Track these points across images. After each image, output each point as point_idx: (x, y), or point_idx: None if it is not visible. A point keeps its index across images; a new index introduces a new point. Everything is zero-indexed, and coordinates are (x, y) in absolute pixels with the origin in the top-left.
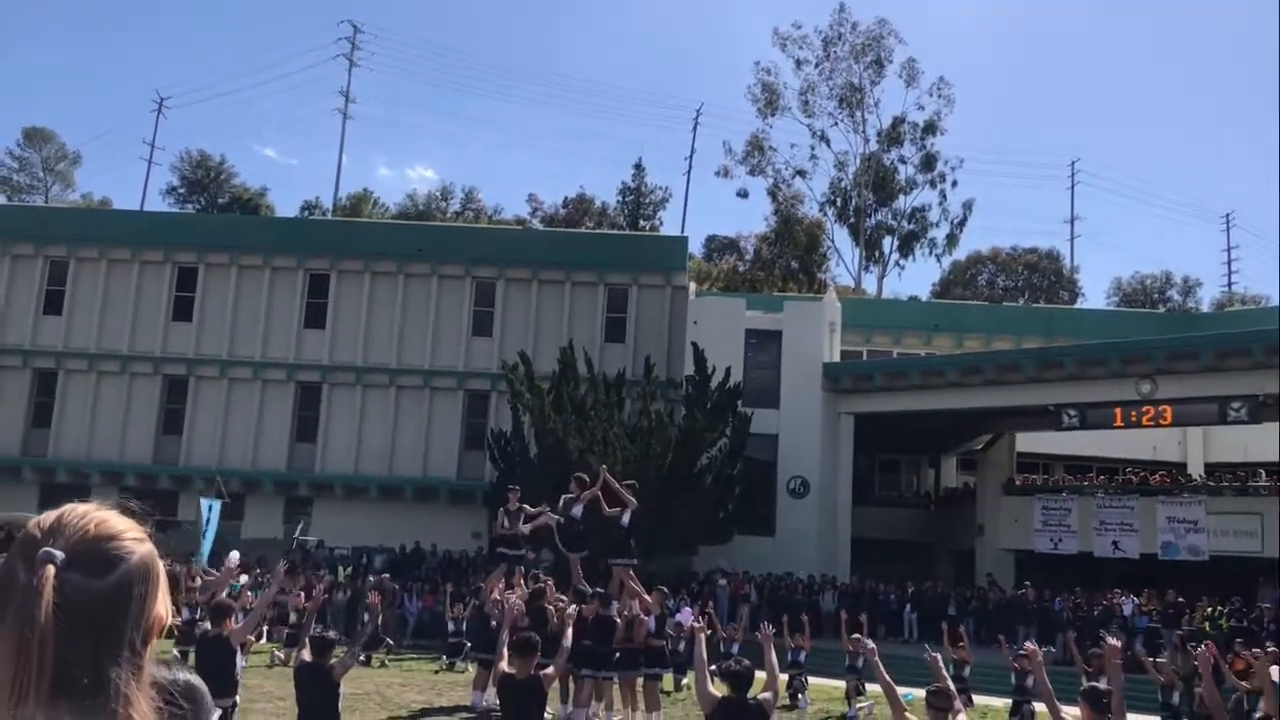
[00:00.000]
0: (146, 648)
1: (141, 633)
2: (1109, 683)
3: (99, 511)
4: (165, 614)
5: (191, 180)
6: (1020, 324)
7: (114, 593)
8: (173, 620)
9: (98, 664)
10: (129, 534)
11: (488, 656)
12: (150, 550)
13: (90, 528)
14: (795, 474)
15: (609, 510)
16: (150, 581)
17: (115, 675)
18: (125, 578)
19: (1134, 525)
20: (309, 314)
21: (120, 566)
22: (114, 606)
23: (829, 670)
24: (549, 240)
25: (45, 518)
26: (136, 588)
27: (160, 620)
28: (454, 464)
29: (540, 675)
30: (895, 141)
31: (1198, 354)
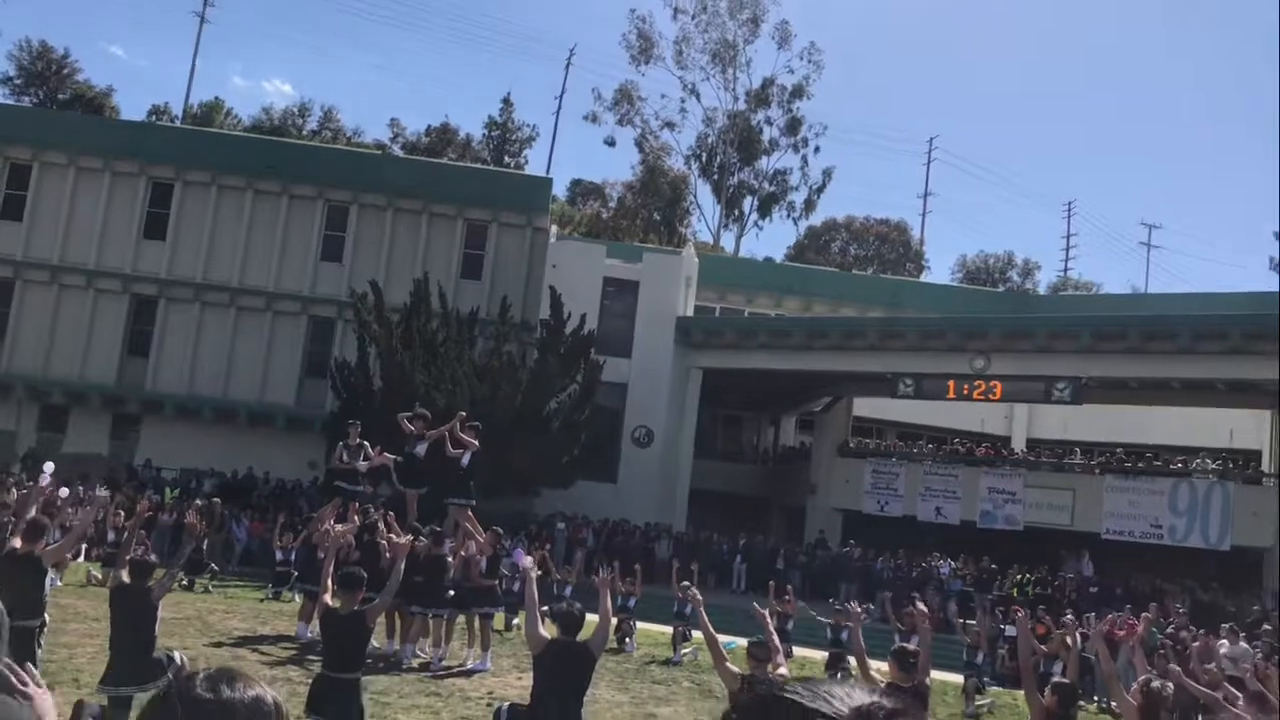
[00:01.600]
0: None
1: None
2: (918, 643)
3: None
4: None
5: (30, 72)
6: (867, 292)
7: None
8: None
9: None
10: None
11: (315, 588)
12: None
13: None
14: (641, 424)
15: (452, 451)
16: None
17: None
18: None
19: (957, 493)
20: (149, 224)
21: None
22: None
23: (659, 616)
24: (409, 168)
25: None
26: None
27: None
28: (293, 391)
29: (365, 610)
30: (763, 102)
31: (1030, 334)
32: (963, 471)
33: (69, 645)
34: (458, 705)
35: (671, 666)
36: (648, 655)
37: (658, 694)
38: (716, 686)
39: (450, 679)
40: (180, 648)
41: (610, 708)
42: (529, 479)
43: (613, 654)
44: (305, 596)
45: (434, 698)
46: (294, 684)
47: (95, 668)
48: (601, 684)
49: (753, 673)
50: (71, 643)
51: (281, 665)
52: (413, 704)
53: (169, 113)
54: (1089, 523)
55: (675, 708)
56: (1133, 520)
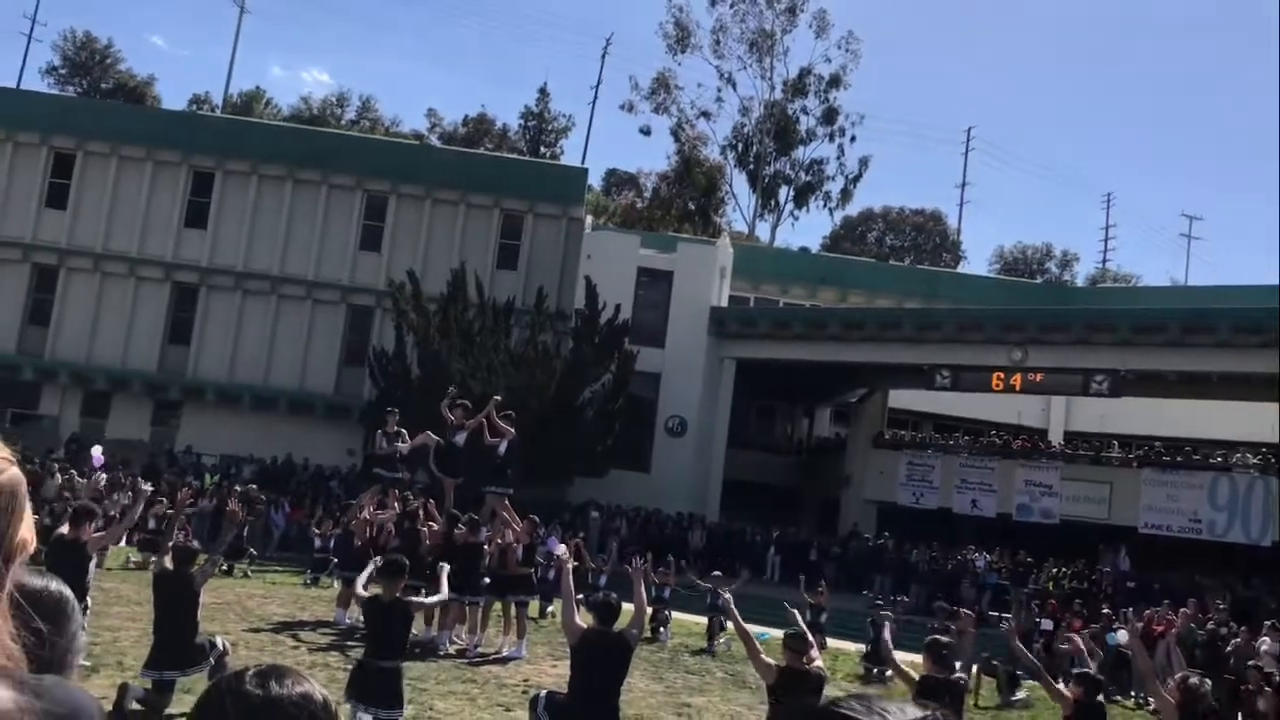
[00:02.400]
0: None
1: (3, 554)
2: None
3: None
4: (30, 539)
5: (74, 62)
6: (903, 283)
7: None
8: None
9: None
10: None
11: (353, 574)
12: (16, 475)
13: None
14: (674, 413)
15: (489, 439)
16: (15, 505)
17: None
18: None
19: (993, 486)
20: (191, 212)
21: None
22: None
23: (693, 606)
24: (446, 158)
25: None
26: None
27: (24, 544)
28: (332, 379)
29: (408, 600)
30: (800, 92)
31: (1069, 326)
32: (999, 464)
33: (112, 628)
34: (493, 692)
35: (705, 657)
36: (681, 645)
37: (691, 684)
38: (750, 677)
39: (486, 666)
40: (221, 633)
41: (644, 697)
42: (563, 468)
43: (647, 644)
44: (343, 583)
45: (470, 684)
46: (332, 670)
47: (139, 651)
48: (636, 673)
49: (789, 665)
50: (115, 625)
51: (321, 651)
52: (449, 690)
53: (210, 102)
54: (1126, 517)
55: (709, 698)
56: (1171, 515)
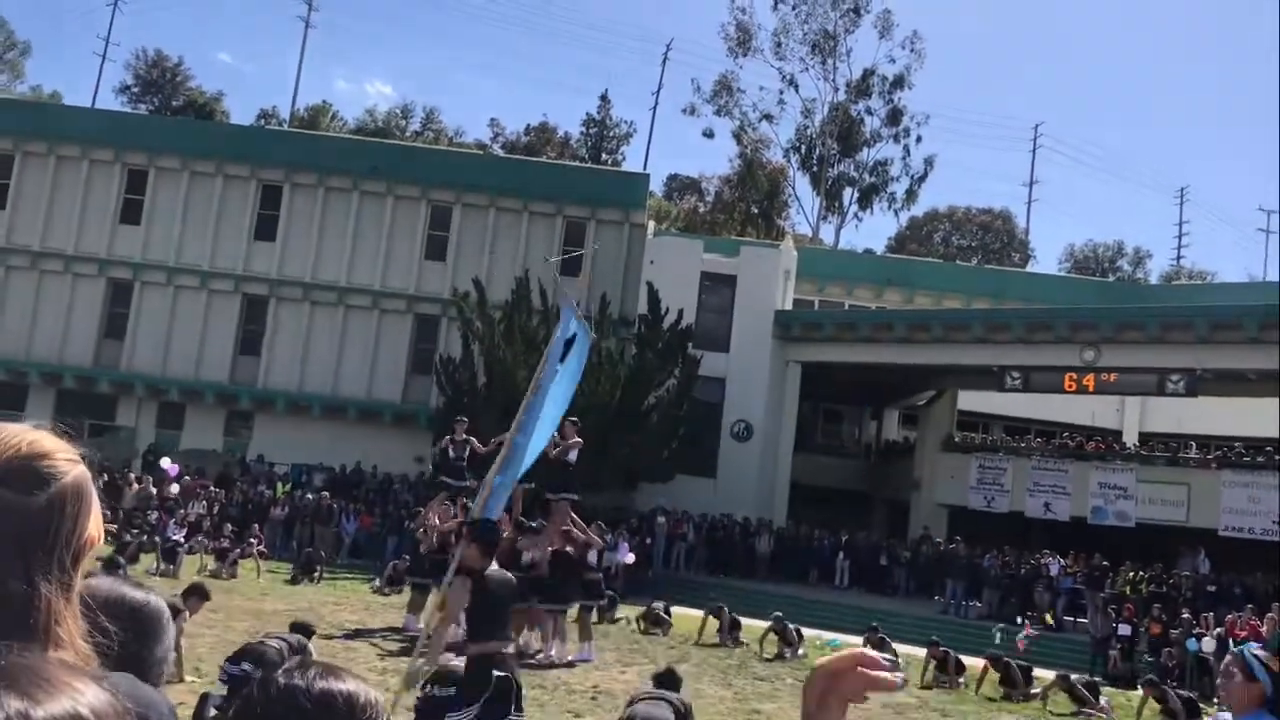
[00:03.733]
0: (77, 567)
1: (72, 552)
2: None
3: (31, 431)
4: (97, 534)
5: (146, 80)
6: (971, 283)
7: (45, 510)
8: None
9: (29, 580)
10: (61, 454)
11: (422, 580)
12: (83, 472)
13: (22, 446)
14: (740, 418)
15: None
16: (82, 501)
17: (45, 591)
18: (57, 496)
19: (1066, 488)
20: (260, 225)
21: (52, 485)
22: (45, 524)
23: (760, 612)
24: (509, 167)
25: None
26: (69, 506)
27: (92, 540)
28: (399, 387)
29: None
30: (864, 93)
31: (1143, 325)
32: (1072, 466)
33: (189, 635)
34: (563, 698)
35: (774, 663)
36: (750, 651)
37: (761, 690)
38: None
39: (555, 671)
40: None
41: (715, 703)
42: (628, 473)
43: (715, 649)
44: (413, 589)
45: (539, 690)
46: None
47: (215, 657)
48: (704, 679)
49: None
50: (191, 631)
51: (393, 657)
52: None
53: (276, 116)
54: (1205, 519)
55: (779, 704)
56: (1252, 516)
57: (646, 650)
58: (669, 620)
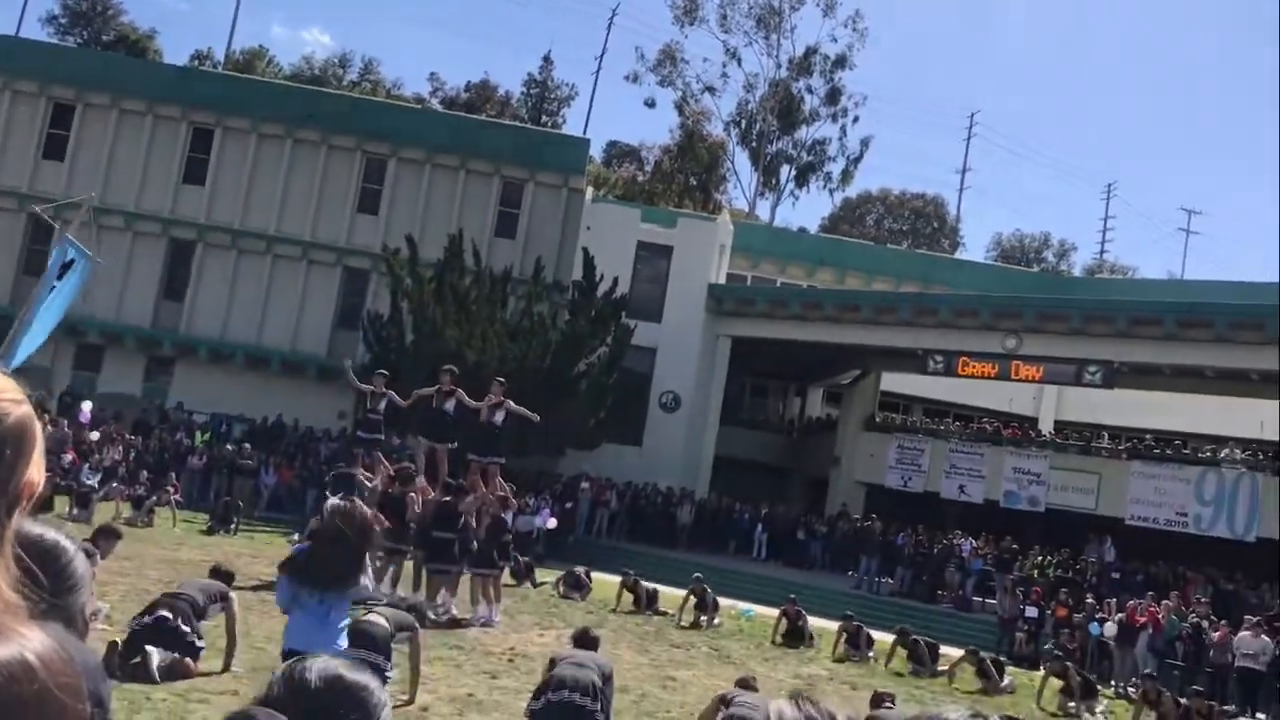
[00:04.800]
0: (12, 516)
1: (6, 499)
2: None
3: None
4: (38, 479)
5: (75, 11)
6: (901, 267)
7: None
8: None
9: None
10: (5, 394)
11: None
12: (28, 412)
13: None
14: (668, 389)
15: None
16: (24, 444)
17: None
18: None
19: (981, 472)
20: (189, 169)
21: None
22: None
23: (679, 580)
24: (447, 123)
25: None
26: (8, 449)
27: (32, 485)
28: (325, 341)
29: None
30: (805, 71)
31: (1065, 316)
32: (988, 450)
33: (101, 583)
34: (479, 659)
35: (690, 631)
36: (668, 618)
37: (676, 658)
38: (735, 651)
39: (471, 632)
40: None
41: (632, 669)
42: (555, 439)
43: (633, 615)
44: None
45: (456, 651)
46: None
47: (129, 606)
48: (621, 645)
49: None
50: (104, 579)
51: None
52: (435, 656)
53: (212, 59)
54: (1113, 507)
55: (694, 672)
56: (1158, 507)
57: (564, 614)
58: (589, 584)
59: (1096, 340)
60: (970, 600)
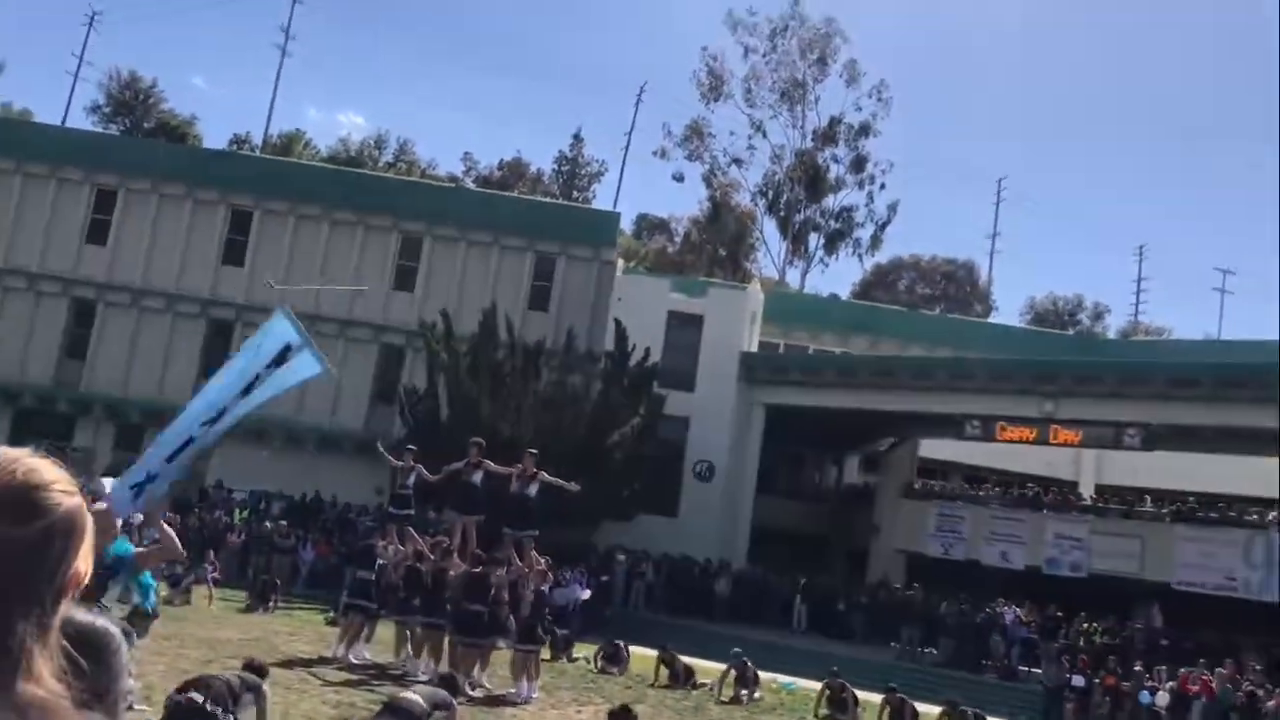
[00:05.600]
0: (58, 607)
1: (54, 590)
2: None
3: (29, 458)
4: (85, 571)
5: (118, 100)
6: (934, 332)
7: (35, 544)
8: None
9: (7, 618)
10: (58, 485)
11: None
12: (79, 504)
13: (18, 474)
14: (703, 458)
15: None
16: (74, 537)
17: (22, 631)
18: (48, 529)
19: (1022, 538)
20: (228, 250)
21: (45, 517)
22: (32, 559)
23: (717, 654)
24: (480, 201)
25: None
26: (58, 541)
27: (78, 577)
28: (362, 416)
29: None
30: (830, 141)
31: (1101, 379)
32: (1029, 516)
33: (139, 662)
34: None
35: (730, 706)
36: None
37: None
38: None
39: (509, 709)
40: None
41: None
42: (590, 511)
43: (671, 690)
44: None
45: None
46: (359, 709)
47: (166, 685)
48: None
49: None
50: (143, 659)
51: (349, 688)
52: None
53: (250, 142)
54: (1160, 572)
55: None
56: (1205, 571)
57: (602, 689)
58: (626, 658)
59: (1135, 402)
60: (1016, 669)
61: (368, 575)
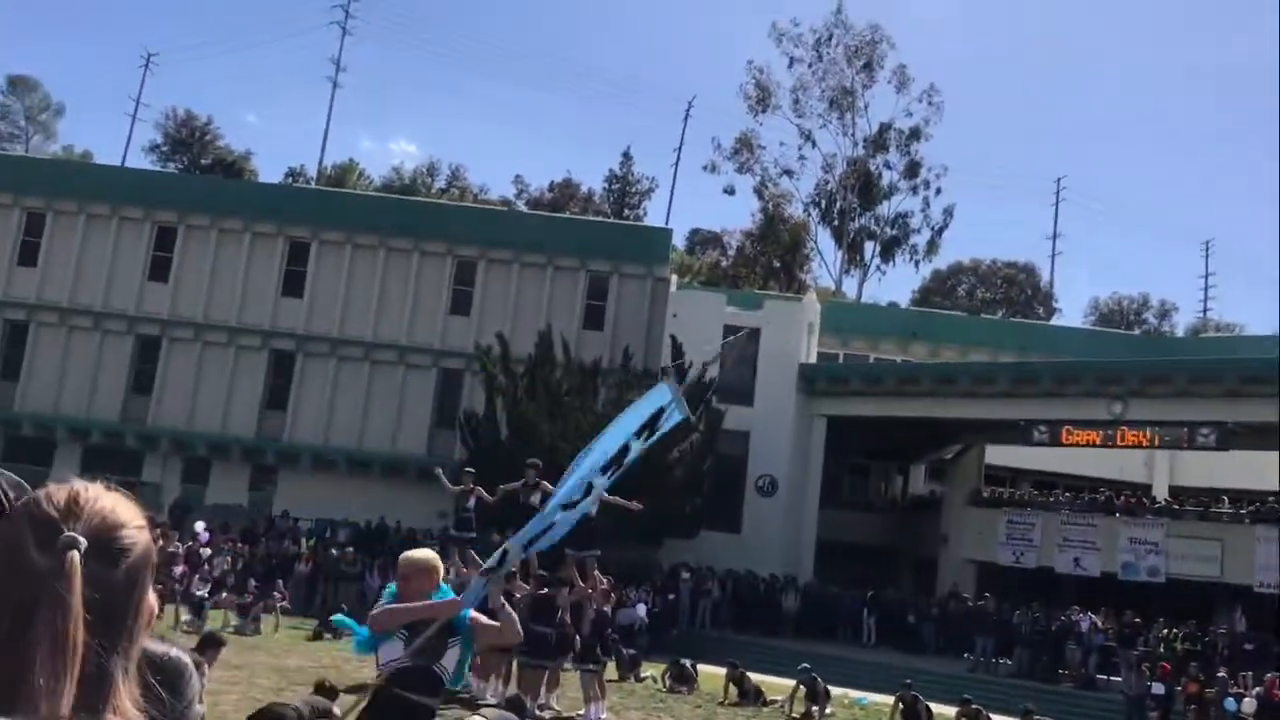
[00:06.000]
0: (139, 639)
1: (137, 624)
2: None
3: (109, 495)
4: (155, 606)
5: (175, 139)
6: (996, 337)
7: (124, 584)
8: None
9: (101, 655)
10: (134, 523)
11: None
12: (150, 540)
13: (105, 514)
14: (765, 472)
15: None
16: (147, 570)
17: (113, 666)
18: (133, 568)
19: (1096, 543)
20: (287, 282)
21: (129, 556)
22: (123, 598)
23: (785, 670)
24: (533, 223)
25: (54, 495)
26: (139, 577)
27: (151, 610)
28: (424, 441)
29: None
30: (881, 148)
31: (1171, 378)
32: (1101, 521)
33: (212, 691)
34: None
35: None
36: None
37: None
38: None
39: None
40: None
41: None
42: (652, 530)
43: (740, 707)
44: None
45: None
46: None
47: (239, 715)
48: None
49: None
50: (214, 689)
51: None
52: None
53: (304, 175)
54: (1240, 575)
55: None
56: None
57: (671, 708)
58: (694, 676)
59: (1207, 401)
60: (1094, 678)
61: None
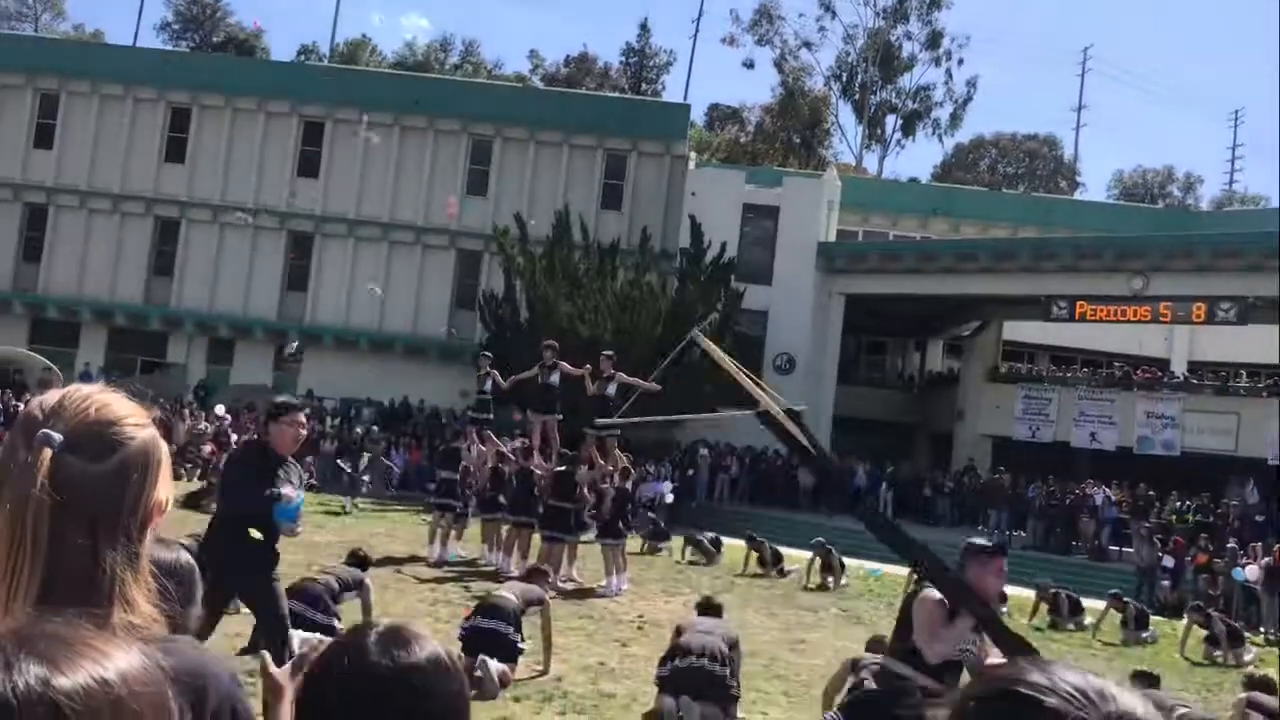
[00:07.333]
0: (144, 534)
1: (139, 519)
2: None
3: (102, 394)
4: (166, 499)
5: (186, 16)
6: (1018, 212)
7: (112, 477)
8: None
9: (95, 552)
10: (130, 419)
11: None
12: (152, 435)
13: (91, 411)
14: (783, 351)
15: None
16: (150, 467)
17: (111, 563)
18: (124, 462)
19: (1113, 418)
20: (303, 162)
21: (120, 451)
22: (112, 492)
23: (801, 541)
24: (549, 100)
25: (48, 398)
26: (134, 473)
27: (160, 504)
28: (445, 322)
29: None
30: (902, 17)
31: (1193, 253)
32: (1118, 396)
33: None
34: (610, 627)
35: (817, 593)
36: (795, 581)
37: (805, 620)
38: (865, 612)
39: (601, 601)
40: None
41: (760, 633)
42: (671, 408)
43: (759, 579)
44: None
45: (587, 620)
46: (454, 605)
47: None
48: (749, 609)
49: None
50: None
51: (440, 584)
52: (567, 626)
53: (317, 52)
54: (1255, 448)
55: (823, 634)
56: None
57: (691, 580)
58: (715, 551)
59: (1228, 275)
60: (1106, 550)
61: (452, 476)
